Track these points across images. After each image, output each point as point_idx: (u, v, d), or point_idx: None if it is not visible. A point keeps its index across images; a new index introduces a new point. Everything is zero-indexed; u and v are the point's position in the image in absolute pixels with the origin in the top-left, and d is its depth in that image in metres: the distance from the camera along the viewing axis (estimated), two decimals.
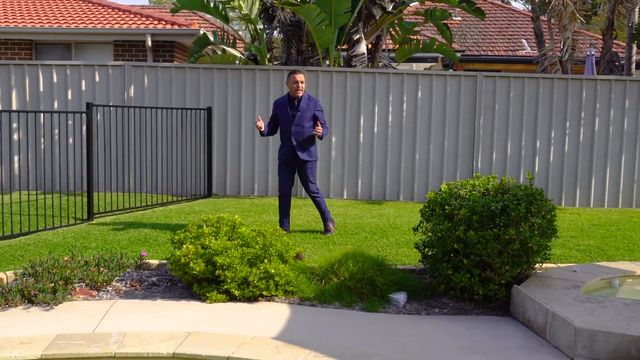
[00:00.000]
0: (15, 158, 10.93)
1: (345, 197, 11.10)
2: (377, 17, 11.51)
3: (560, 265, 6.74)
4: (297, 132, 7.59)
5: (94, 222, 8.62)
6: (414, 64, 19.32)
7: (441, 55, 17.16)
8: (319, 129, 7.51)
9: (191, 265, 5.88)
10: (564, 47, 14.02)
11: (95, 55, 14.84)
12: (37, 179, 10.57)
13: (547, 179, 11.09)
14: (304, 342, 4.77)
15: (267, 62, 11.94)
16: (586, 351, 4.52)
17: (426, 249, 6.17)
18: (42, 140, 10.63)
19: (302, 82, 7.53)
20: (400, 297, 5.89)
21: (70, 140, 10.76)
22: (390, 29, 12.81)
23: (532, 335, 5.11)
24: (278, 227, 7.37)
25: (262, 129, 7.71)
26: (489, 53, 22.01)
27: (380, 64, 12.14)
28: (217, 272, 5.84)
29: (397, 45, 13.08)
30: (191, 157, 11.02)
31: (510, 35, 23.39)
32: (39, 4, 16.34)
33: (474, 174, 8.54)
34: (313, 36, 10.76)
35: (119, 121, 10.46)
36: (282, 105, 7.70)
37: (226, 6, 11.29)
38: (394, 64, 12.83)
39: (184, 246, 6.03)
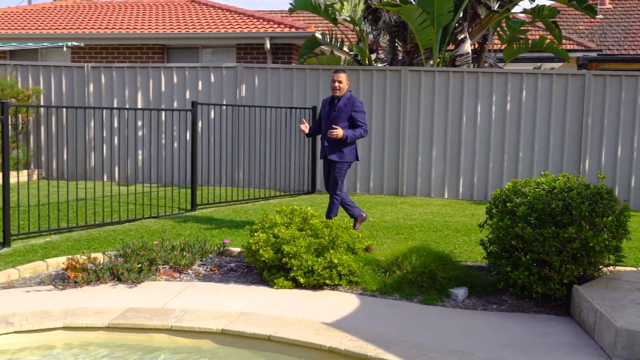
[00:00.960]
0: (139, 152, 11.85)
1: (446, 196, 11.12)
2: (482, 17, 11.42)
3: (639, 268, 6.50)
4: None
5: (195, 212, 9.24)
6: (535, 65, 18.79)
7: (578, 55, 16.66)
8: (334, 131, 7.23)
9: (261, 252, 6.25)
10: None
11: (220, 58, 15.70)
12: (157, 172, 11.46)
13: None
14: (348, 327, 4.98)
15: (371, 63, 12.16)
16: (626, 352, 4.42)
17: (491, 246, 6.18)
18: (163, 136, 11.50)
19: (339, 82, 7.31)
20: (460, 292, 5.95)
21: (188, 136, 11.53)
22: (498, 29, 12.63)
23: (583, 335, 5.04)
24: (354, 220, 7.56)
25: (306, 131, 7.69)
26: (631, 52, 20.92)
27: (486, 64, 12.02)
28: (283, 259, 6.17)
29: (505, 45, 12.88)
30: (297, 154, 11.47)
31: None
32: (170, 11, 17.51)
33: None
34: (415, 36, 10.87)
35: (229, 119, 11.10)
36: (325, 104, 7.61)
37: (328, 8, 11.64)
38: (500, 64, 12.65)
39: (255, 234, 6.42)
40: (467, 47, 11.19)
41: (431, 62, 11.52)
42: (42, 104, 12.28)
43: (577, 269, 5.58)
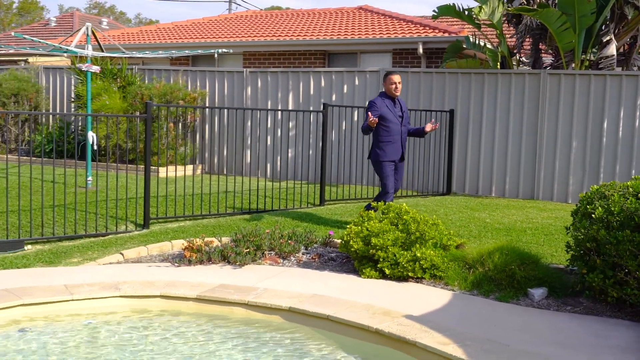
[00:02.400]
0: (290, 150, 12.72)
1: None
2: (630, 17, 10.94)
3: None
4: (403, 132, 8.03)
5: (322, 206, 9.86)
6: None
7: None
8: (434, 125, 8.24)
9: (351, 243, 6.70)
10: None
11: (377, 62, 16.25)
12: (301, 169, 12.25)
13: None
14: (404, 314, 5.30)
15: (511, 66, 12.08)
16: None
17: (573, 249, 6.15)
18: (310, 136, 12.27)
19: (399, 83, 7.97)
20: (538, 292, 6.00)
21: (334, 136, 12.21)
22: None
23: None
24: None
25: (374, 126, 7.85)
26: None
27: (635, 67, 11.48)
28: (371, 251, 6.57)
29: None
30: (433, 156, 11.72)
31: None
32: (331, 19, 18.38)
33: None
34: (555, 39, 10.70)
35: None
36: (383, 104, 7.91)
37: (466, 13, 11.74)
38: None
39: (347, 226, 6.88)
40: (612, 49, 10.79)
41: (573, 65, 11.25)
42: (207, 105, 13.56)
43: None
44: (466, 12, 12.08)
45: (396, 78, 7.91)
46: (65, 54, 12.27)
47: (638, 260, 5.43)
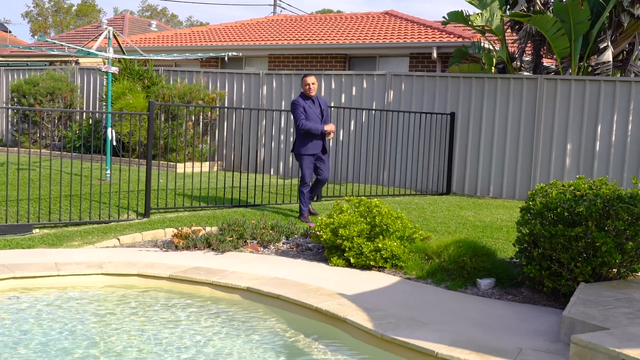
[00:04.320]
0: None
1: None
2: (625, 25, 11.20)
3: None
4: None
5: (319, 202, 10.43)
6: None
7: None
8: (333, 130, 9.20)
9: (320, 233, 7.24)
10: None
11: (395, 66, 16.73)
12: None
13: None
14: (351, 298, 5.82)
15: (512, 71, 12.43)
16: (567, 338, 4.78)
17: (519, 242, 6.58)
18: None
19: (313, 83, 9.00)
20: (485, 282, 6.45)
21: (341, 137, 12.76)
22: None
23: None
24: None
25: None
26: None
27: (632, 74, 11.72)
28: (338, 241, 7.11)
29: None
30: (434, 157, 12.17)
31: None
32: (355, 23, 18.93)
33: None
34: (551, 45, 11.04)
35: (377, 122, 12.12)
36: (303, 104, 8.99)
37: (459, 19, 12.13)
38: None
39: (319, 218, 7.42)
40: (608, 55, 11.07)
41: (570, 70, 11.55)
42: (225, 105, 14.26)
43: (585, 267, 5.84)
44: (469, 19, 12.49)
45: (309, 79, 8.99)
46: (96, 56, 13.12)
47: (569, 253, 5.85)
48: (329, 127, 9.04)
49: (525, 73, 12.53)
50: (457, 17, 12.65)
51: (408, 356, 4.70)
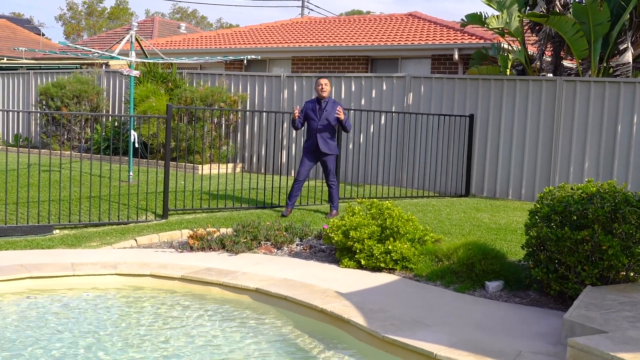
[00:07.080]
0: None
1: None
2: None
3: None
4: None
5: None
6: None
7: None
8: (341, 113, 9.24)
9: (332, 235, 7.33)
10: None
11: (416, 68, 16.74)
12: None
13: None
14: (358, 300, 5.89)
15: (531, 73, 12.38)
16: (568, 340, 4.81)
17: (528, 245, 6.59)
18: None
19: (326, 85, 9.32)
20: (493, 284, 6.47)
21: (361, 139, 12.83)
22: None
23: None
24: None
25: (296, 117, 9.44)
26: None
27: None
28: (349, 243, 7.19)
29: None
30: (453, 159, 12.17)
31: None
32: (378, 25, 18.98)
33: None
34: (570, 47, 10.98)
35: (396, 125, 12.17)
36: (309, 107, 9.47)
37: (477, 21, 12.10)
38: None
39: (330, 220, 7.50)
40: (628, 57, 10.98)
41: (589, 72, 11.48)
42: (247, 108, 14.41)
43: (592, 270, 5.84)
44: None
45: (322, 81, 9.41)
46: (119, 59, 13.35)
47: (576, 256, 5.86)
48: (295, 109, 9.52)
49: (549, 75, 12.47)
50: (474, 19, 12.63)
51: (408, 357, 4.76)
